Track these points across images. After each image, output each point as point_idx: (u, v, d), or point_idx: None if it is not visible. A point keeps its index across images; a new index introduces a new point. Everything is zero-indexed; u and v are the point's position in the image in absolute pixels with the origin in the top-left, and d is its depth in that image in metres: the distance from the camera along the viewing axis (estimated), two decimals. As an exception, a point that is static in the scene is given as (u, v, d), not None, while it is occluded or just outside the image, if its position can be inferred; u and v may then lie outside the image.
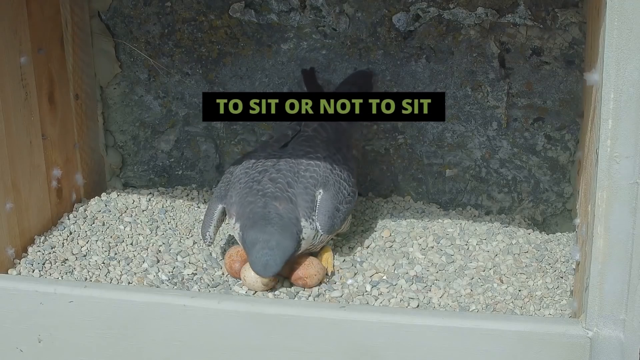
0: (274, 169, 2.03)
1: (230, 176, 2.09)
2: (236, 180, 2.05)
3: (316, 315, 1.65)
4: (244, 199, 1.98)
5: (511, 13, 2.20)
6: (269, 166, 2.04)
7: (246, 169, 2.06)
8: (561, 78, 2.22)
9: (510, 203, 2.34)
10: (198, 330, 1.69)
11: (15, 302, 1.74)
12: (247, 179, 2.03)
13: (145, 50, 2.37)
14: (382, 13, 2.25)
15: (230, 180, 2.07)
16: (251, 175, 2.03)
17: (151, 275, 2.01)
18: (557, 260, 2.05)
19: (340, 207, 2.03)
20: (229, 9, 2.31)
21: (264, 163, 2.06)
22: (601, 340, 1.56)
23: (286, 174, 2.01)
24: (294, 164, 2.04)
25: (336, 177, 2.06)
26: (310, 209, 1.98)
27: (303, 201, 1.98)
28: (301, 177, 2.02)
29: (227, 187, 2.06)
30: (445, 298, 1.92)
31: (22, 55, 2.05)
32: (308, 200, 1.99)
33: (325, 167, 2.05)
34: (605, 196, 1.49)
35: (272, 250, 1.87)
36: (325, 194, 2.01)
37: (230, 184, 2.06)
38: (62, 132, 2.26)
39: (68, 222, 2.23)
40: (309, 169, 2.04)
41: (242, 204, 1.98)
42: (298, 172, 2.02)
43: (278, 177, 2.00)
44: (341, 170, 2.08)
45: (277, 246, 1.87)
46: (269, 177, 2.00)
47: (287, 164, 2.04)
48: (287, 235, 1.90)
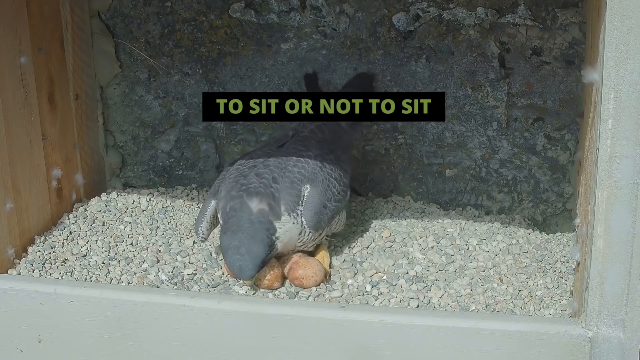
0: (262, 164, 2.05)
1: (225, 173, 2.11)
2: (228, 176, 2.07)
3: (316, 315, 1.65)
4: (229, 194, 2.00)
5: (511, 13, 2.20)
6: (259, 162, 2.06)
7: (239, 165, 2.08)
8: (561, 78, 2.22)
9: (510, 203, 2.34)
10: (198, 330, 1.69)
11: (15, 302, 1.74)
12: (237, 174, 2.05)
13: (145, 50, 2.37)
14: (382, 13, 2.25)
15: (224, 177, 2.09)
16: (241, 171, 2.05)
17: (151, 275, 2.01)
18: (557, 260, 2.05)
19: (327, 205, 2.03)
20: (229, 9, 2.31)
21: (256, 160, 2.08)
22: (601, 340, 1.56)
23: (273, 169, 2.03)
24: (283, 161, 2.06)
25: (326, 174, 2.06)
26: (295, 203, 1.98)
27: (288, 195, 1.98)
28: (288, 172, 2.03)
29: (219, 183, 2.08)
30: (445, 298, 1.92)
31: (22, 55, 2.05)
32: (293, 194, 1.99)
33: (314, 164, 2.06)
34: (605, 196, 1.49)
35: (242, 256, 1.90)
36: (313, 189, 2.02)
37: (223, 179, 2.08)
38: (62, 132, 2.26)
39: (68, 222, 2.23)
40: (297, 164, 2.05)
41: (226, 199, 2.00)
42: (286, 168, 2.03)
43: (264, 172, 2.02)
44: (332, 169, 2.08)
45: (247, 252, 1.90)
46: (255, 172, 2.02)
47: (277, 161, 2.06)
48: (257, 241, 1.92)
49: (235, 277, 1.96)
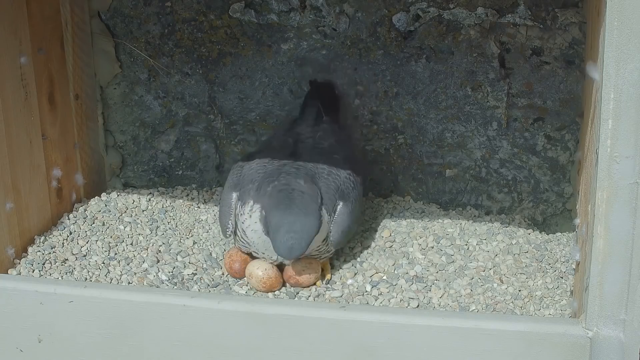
0: (291, 165, 1.98)
1: (241, 169, 2.04)
2: (252, 172, 2.00)
3: (316, 315, 1.65)
4: (263, 180, 1.93)
5: (511, 13, 2.20)
6: (287, 163, 1.98)
7: (262, 164, 2.01)
8: (561, 78, 2.22)
9: (510, 203, 2.34)
10: (198, 330, 1.69)
11: (15, 302, 1.74)
12: (265, 170, 1.98)
13: (145, 50, 2.37)
14: (382, 13, 2.25)
15: (242, 173, 2.02)
16: (269, 169, 1.98)
17: (151, 275, 2.01)
18: (557, 260, 2.05)
19: (352, 227, 2.01)
20: (229, 9, 2.31)
21: (280, 161, 2.00)
22: (601, 340, 1.56)
23: (309, 169, 1.97)
24: (314, 165, 2.00)
25: (356, 194, 2.02)
26: (331, 210, 1.94)
27: (327, 198, 1.93)
28: (324, 178, 1.98)
29: (239, 177, 2.01)
30: (445, 298, 1.92)
31: (22, 55, 2.05)
32: (330, 201, 1.94)
33: (347, 180, 2.01)
34: (605, 196, 1.49)
35: (296, 234, 1.82)
36: (344, 207, 1.98)
37: (243, 175, 2.01)
38: (62, 132, 2.26)
39: (68, 222, 2.23)
40: (331, 175, 2.00)
41: (261, 185, 1.92)
42: (320, 174, 1.98)
43: (300, 169, 1.96)
44: (360, 190, 2.06)
45: (301, 229, 1.82)
46: (290, 166, 1.95)
47: (306, 165, 1.99)
48: (311, 216, 1.85)
49: (282, 256, 1.85)
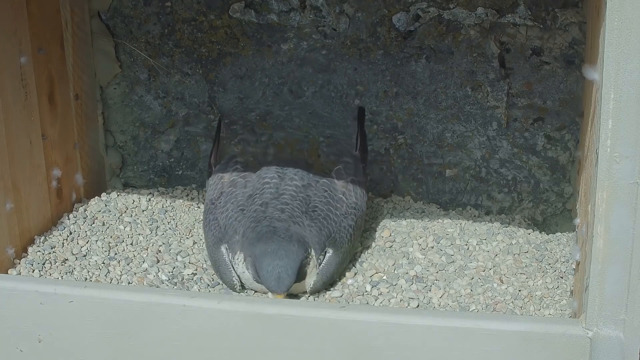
0: (276, 207, 1.94)
1: (220, 198, 2.01)
2: (232, 220, 1.97)
3: (316, 315, 1.65)
4: (247, 228, 1.90)
5: (511, 13, 2.20)
6: (270, 202, 1.95)
7: (239, 209, 1.97)
8: (561, 78, 2.22)
9: (510, 203, 2.34)
10: (198, 330, 1.69)
11: (15, 302, 1.74)
12: (244, 215, 1.95)
13: (145, 50, 2.37)
14: (382, 13, 2.25)
15: (220, 222, 1.98)
16: (251, 213, 1.95)
17: (151, 275, 2.01)
18: (557, 260, 2.05)
19: (334, 276, 1.96)
20: (229, 9, 2.31)
21: (261, 198, 1.98)
22: (601, 340, 1.56)
23: (294, 207, 1.95)
24: (307, 198, 1.99)
25: (348, 247, 1.98)
26: (319, 253, 1.91)
27: (317, 244, 1.90)
28: (314, 218, 1.95)
29: (220, 229, 1.97)
30: (445, 298, 1.92)
31: (22, 55, 2.05)
32: (319, 245, 1.91)
33: (346, 229, 1.98)
34: (605, 196, 1.49)
35: (282, 261, 1.80)
36: (334, 257, 1.94)
37: (224, 226, 1.97)
38: (62, 132, 2.26)
39: (68, 222, 2.23)
40: (327, 218, 1.96)
41: (245, 232, 1.90)
42: (312, 212, 1.96)
43: (284, 211, 1.92)
44: (357, 234, 2.03)
45: (287, 256, 1.80)
46: (274, 208, 1.92)
47: (294, 203, 1.96)
48: (295, 242, 1.83)
49: (272, 290, 1.80)
